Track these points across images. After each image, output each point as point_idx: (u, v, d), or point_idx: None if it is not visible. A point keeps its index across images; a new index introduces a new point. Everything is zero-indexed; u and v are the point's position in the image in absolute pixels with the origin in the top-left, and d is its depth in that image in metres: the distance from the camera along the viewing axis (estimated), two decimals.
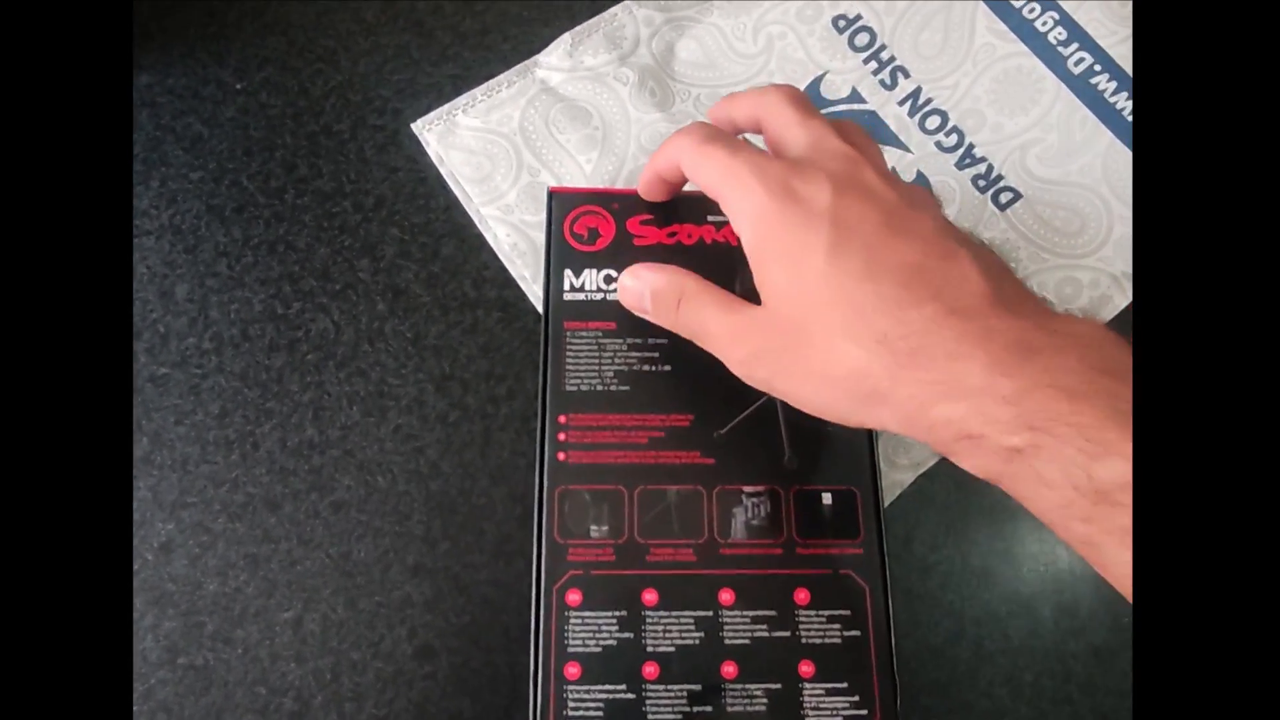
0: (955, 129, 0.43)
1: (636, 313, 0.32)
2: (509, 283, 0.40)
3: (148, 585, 0.36)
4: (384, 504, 0.37)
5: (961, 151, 0.43)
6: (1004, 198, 0.42)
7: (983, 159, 0.42)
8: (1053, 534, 0.38)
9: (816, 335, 0.26)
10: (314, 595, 0.36)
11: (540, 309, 0.37)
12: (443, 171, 0.41)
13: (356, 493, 0.37)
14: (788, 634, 0.30)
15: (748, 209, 0.27)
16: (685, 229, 0.35)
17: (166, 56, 0.43)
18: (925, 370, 0.24)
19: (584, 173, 0.41)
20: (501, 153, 0.41)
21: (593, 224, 0.34)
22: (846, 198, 0.26)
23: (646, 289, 0.31)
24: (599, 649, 0.30)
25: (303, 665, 0.35)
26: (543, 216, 0.37)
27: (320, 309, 0.40)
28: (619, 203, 0.35)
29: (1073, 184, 0.42)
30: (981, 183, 0.42)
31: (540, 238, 0.38)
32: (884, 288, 0.25)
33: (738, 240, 0.28)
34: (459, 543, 0.36)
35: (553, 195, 0.35)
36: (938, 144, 0.43)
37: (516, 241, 0.40)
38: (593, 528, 0.31)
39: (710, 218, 0.35)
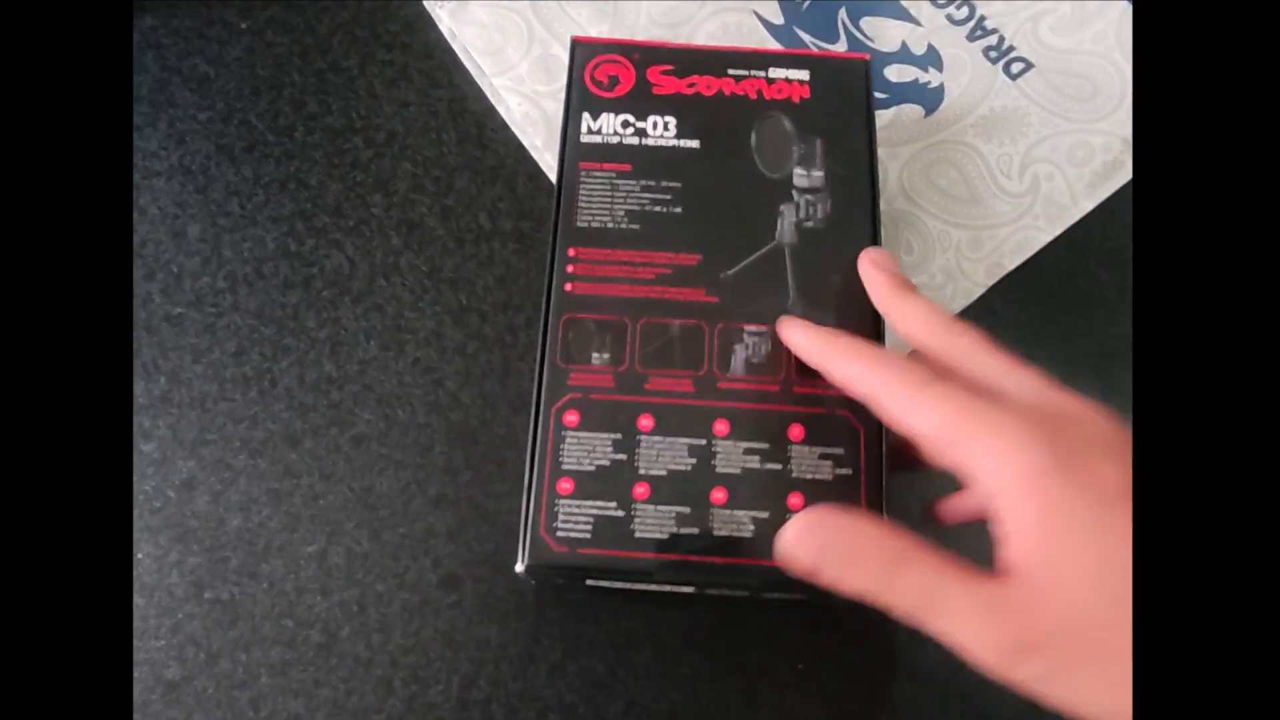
0: (966, 2, 0.43)
1: (799, 569, 0.25)
2: (524, 213, 0.39)
3: (171, 522, 0.35)
4: (404, 436, 0.36)
5: (973, 24, 0.42)
6: (1015, 68, 0.42)
7: (994, 30, 0.42)
8: None
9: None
10: (337, 529, 0.35)
11: (550, 175, 0.37)
12: (455, 46, 0.41)
13: (376, 426, 0.37)
14: (779, 467, 0.30)
15: (1015, 465, 0.22)
16: (705, 80, 0.35)
17: None
18: None
19: None
20: (513, 26, 0.41)
21: (613, 71, 0.35)
22: (1124, 474, 0.22)
23: (828, 540, 0.24)
24: (592, 468, 0.30)
25: (328, 598, 0.35)
26: (554, 86, 0.38)
27: (334, 245, 0.39)
28: (640, 53, 0.35)
29: (1085, 52, 0.42)
30: (993, 54, 0.42)
31: (552, 107, 0.39)
32: None
33: (756, 93, 0.29)
34: (481, 472, 0.36)
35: (575, 44, 0.35)
36: (948, 17, 0.43)
37: (528, 111, 0.40)
38: (595, 355, 0.31)
39: (730, 70, 0.35)
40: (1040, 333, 0.39)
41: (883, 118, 0.41)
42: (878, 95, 0.41)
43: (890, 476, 0.30)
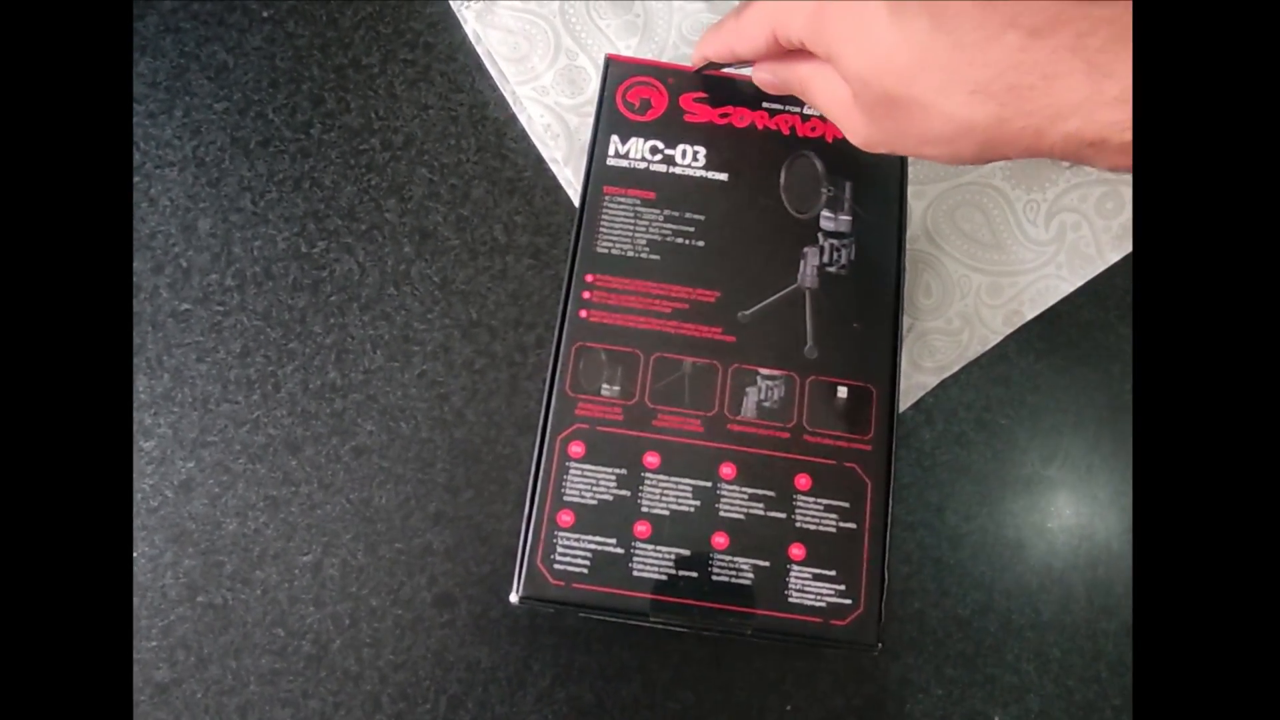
0: None
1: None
2: (541, 229, 0.39)
3: (167, 522, 0.35)
4: (406, 450, 0.36)
5: None
6: None
7: None
8: (1090, 506, 0.37)
9: (913, 104, 0.25)
10: (334, 540, 0.35)
11: (569, 191, 0.38)
12: (479, 50, 0.40)
13: (379, 438, 0.36)
14: (783, 515, 0.30)
15: (800, 10, 0.27)
16: (739, 112, 0.34)
17: None
18: (1028, 102, 0.23)
19: None
20: (540, 34, 0.40)
21: (646, 95, 0.35)
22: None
23: (778, 79, 0.31)
24: (594, 502, 0.30)
25: (321, 609, 0.35)
26: (578, 100, 0.38)
27: (345, 249, 0.38)
28: (675, 78, 0.35)
29: None
30: None
31: (575, 120, 0.39)
32: (958, 35, 0.24)
33: (789, 129, 0.32)
34: (482, 492, 0.36)
35: (610, 62, 0.35)
36: None
37: (550, 123, 0.39)
38: (604, 386, 0.31)
39: (765, 104, 0.34)
40: (1054, 383, 0.38)
41: None
42: None
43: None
